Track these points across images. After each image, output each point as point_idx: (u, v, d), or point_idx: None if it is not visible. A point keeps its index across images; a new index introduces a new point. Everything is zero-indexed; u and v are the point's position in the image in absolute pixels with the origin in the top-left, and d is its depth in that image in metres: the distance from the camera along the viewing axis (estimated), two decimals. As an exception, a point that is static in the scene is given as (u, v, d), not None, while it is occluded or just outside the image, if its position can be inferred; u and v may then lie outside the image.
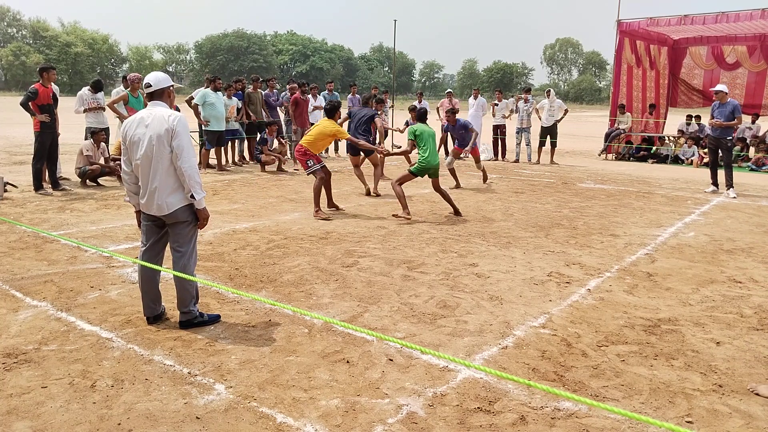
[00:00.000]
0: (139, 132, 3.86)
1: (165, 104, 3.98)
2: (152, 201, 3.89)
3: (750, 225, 7.94)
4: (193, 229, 4.06)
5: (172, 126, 3.80)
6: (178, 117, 3.86)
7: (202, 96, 11.86)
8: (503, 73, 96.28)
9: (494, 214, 8.28)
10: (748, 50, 16.35)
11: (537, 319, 4.40)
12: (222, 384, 3.32)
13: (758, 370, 3.65)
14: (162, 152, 3.81)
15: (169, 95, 4.04)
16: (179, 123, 3.83)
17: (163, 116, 3.84)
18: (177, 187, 3.89)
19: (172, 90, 4.07)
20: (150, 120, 3.84)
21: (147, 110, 3.94)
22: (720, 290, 5.17)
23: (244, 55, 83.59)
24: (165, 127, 3.80)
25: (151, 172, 3.85)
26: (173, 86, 4.10)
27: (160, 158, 3.82)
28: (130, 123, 3.94)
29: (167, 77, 4.06)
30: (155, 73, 4.04)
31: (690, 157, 15.40)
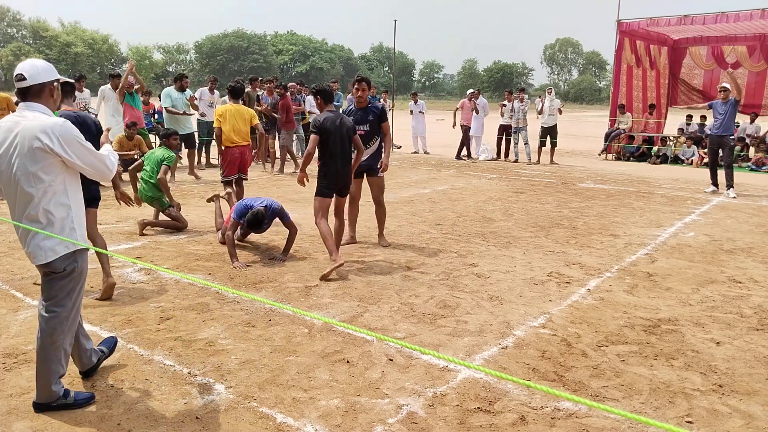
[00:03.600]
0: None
1: (45, 107, 2.90)
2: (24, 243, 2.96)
3: (750, 225, 7.94)
4: (70, 280, 2.97)
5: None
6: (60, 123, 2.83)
7: (167, 95, 11.50)
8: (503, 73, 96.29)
9: (494, 214, 8.28)
10: (748, 50, 16.35)
11: (537, 319, 4.40)
12: (222, 384, 3.32)
13: (758, 370, 3.65)
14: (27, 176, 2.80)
15: (52, 94, 2.94)
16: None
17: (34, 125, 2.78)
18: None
19: (55, 87, 2.96)
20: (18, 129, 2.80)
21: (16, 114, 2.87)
22: (720, 290, 5.17)
23: (244, 56, 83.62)
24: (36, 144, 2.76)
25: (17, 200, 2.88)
26: (59, 81, 2.99)
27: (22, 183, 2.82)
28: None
29: (50, 67, 2.94)
30: (32, 62, 2.89)
31: (690, 157, 15.40)
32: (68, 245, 2.90)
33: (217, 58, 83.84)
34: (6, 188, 2.89)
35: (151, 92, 13.24)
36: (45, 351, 2.95)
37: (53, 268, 2.91)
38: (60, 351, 2.97)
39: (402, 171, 13.05)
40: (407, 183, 11.19)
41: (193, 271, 5.37)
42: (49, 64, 2.96)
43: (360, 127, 5.97)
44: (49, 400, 2.98)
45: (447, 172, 13.06)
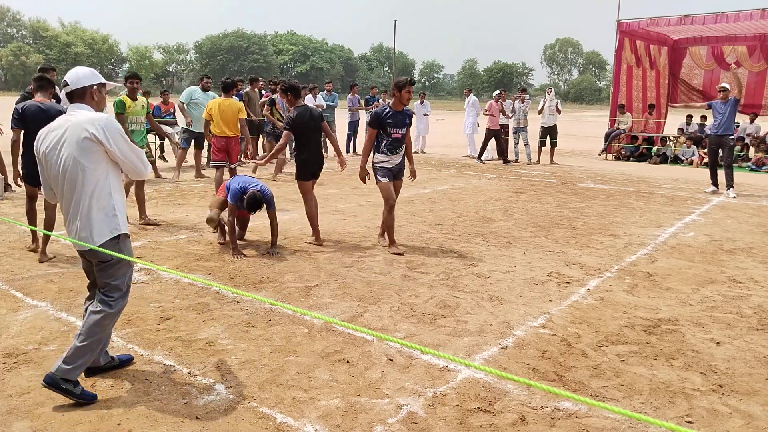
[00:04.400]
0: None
1: (89, 107, 3.19)
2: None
3: (750, 225, 7.94)
4: (119, 266, 3.19)
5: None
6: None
7: (188, 94, 11.49)
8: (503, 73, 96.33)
9: (494, 214, 8.28)
10: (748, 50, 16.35)
11: (537, 319, 4.40)
12: (222, 384, 3.32)
13: (758, 370, 3.65)
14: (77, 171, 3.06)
15: (93, 96, 3.21)
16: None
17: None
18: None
19: (95, 89, 3.21)
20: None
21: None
22: (720, 290, 5.17)
23: (244, 55, 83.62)
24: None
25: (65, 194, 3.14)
26: (101, 84, 3.24)
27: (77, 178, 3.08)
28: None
29: (91, 73, 3.22)
30: (74, 70, 3.22)
31: (690, 157, 15.41)
32: (111, 230, 3.11)
33: (217, 58, 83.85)
34: (54, 180, 3.14)
35: (150, 92, 13.21)
36: (90, 333, 3.10)
37: (101, 257, 3.11)
38: (103, 339, 3.20)
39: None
40: (407, 183, 11.17)
41: (193, 271, 5.37)
42: (91, 70, 3.24)
43: (398, 131, 5.97)
44: (64, 377, 3.03)
45: (447, 172, 13.06)
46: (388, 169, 6.08)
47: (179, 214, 7.78)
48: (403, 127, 6.02)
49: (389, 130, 5.95)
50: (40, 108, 5.37)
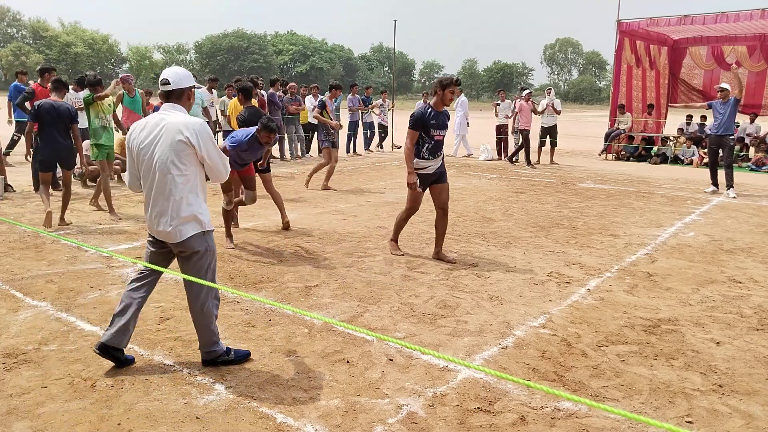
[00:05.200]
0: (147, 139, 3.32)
1: (183, 108, 3.38)
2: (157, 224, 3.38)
3: (750, 225, 7.94)
4: (204, 260, 3.41)
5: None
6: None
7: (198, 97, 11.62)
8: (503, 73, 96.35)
9: (494, 214, 8.28)
10: (748, 50, 16.34)
11: (537, 319, 4.40)
12: (222, 384, 3.32)
13: (758, 370, 3.65)
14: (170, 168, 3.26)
15: (189, 98, 3.42)
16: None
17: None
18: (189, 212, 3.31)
19: (192, 92, 3.44)
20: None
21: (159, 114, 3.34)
22: (720, 290, 5.17)
23: (244, 56, 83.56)
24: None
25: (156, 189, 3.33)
26: (194, 87, 3.48)
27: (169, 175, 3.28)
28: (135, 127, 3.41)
29: (188, 74, 3.44)
30: (175, 69, 3.40)
31: (690, 157, 15.41)
32: (197, 226, 3.32)
33: (217, 58, 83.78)
34: (145, 175, 3.33)
35: (152, 92, 13.19)
36: (199, 319, 3.46)
37: (186, 247, 3.33)
38: (212, 316, 3.48)
39: (402, 171, 13.04)
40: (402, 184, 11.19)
41: (193, 271, 5.37)
42: (187, 72, 3.45)
43: (440, 132, 5.63)
44: (214, 356, 3.49)
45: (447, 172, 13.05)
46: (428, 176, 5.70)
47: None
48: (445, 129, 5.69)
49: (432, 131, 5.55)
50: (53, 106, 6.67)
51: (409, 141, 5.57)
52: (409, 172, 5.63)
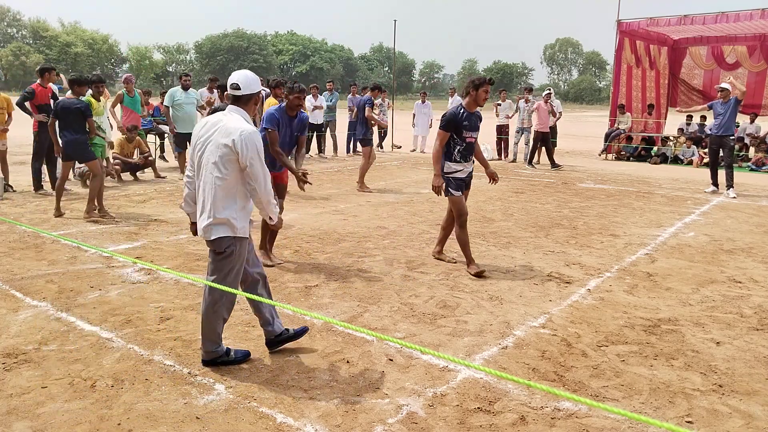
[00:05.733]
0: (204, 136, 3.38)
1: (246, 113, 3.40)
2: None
3: (750, 225, 7.94)
4: (228, 262, 3.42)
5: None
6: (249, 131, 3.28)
7: (170, 96, 11.13)
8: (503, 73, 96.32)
9: (494, 214, 8.28)
10: (748, 50, 16.35)
11: (537, 319, 4.40)
12: (222, 384, 3.32)
13: (758, 370, 3.65)
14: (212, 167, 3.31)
15: (255, 103, 3.46)
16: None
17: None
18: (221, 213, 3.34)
19: (260, 97, 3.45)
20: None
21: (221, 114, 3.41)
22: (720, 290, 5.17)
23: (244, 56, 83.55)
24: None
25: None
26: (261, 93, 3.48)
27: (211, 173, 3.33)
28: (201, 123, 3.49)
29: (256, 79, 3.45)
30: (245, 73, 3.41)
31: (690, 157, 15.40)
32: (229, 230, 3.34)
33: (217, 58, 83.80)
34: (198, 169, 3.43)
35: (150, 92, 13.20)
36: (208, 317, 3.47)
37: (216, 246, 3.38)
38: (221, 318, 3.49)
39: (402, 171, 13.06)
40: (407, 183, 11.20)
41: (194, 271, 5.37)
42: (255, 76, 3.45)
43: (473, 134, 5.39)
44: (214, 357, 3.50)
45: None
46: (462, 180, 5.44)
47: (180, 214, 7.77)
48: (477, 130, 5.45)
49: (464, 133, 5.29)
50: (66, 102, 7.38)
51: (438, 143, 5.33)
52: (435, 175, 5.36)
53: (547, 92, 14.24)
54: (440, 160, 5.37)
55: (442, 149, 5.36)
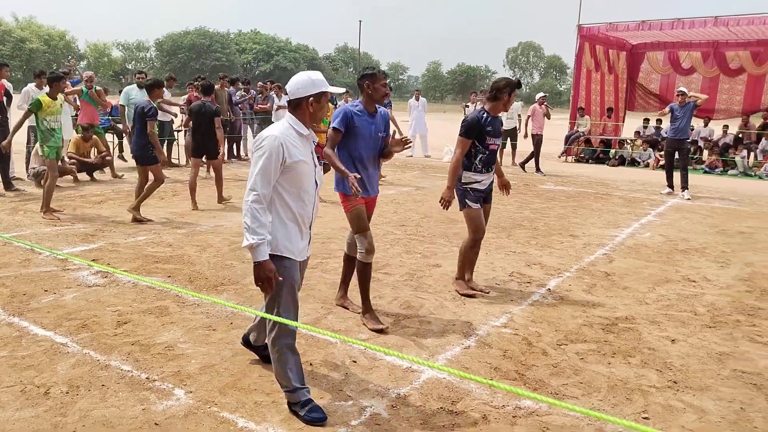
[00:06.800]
0: None
1: (295, 118, 2.98)
2: None
3: (704, 226, 8.20)
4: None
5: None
6: (264, 137, 2.91)
7: (125, 94, 10.96)
8: (467, 75, 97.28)
9: (458, 215, 8.33)
10: (702, 56, 16.91)
11: (499, 318, 4.45)
12: (181, 389, 3.25)
13: (710, 366, 3.77)
14: None
15: (309, 105, 2.96)
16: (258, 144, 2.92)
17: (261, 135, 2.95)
18: None
19: (311, 102, 2.95)
20: None
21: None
22: (675, 289, 5.32)
23: (206, 54, 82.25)
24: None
25: None
26: (316, 95, 2.96)
27: None
28: None
29: (310, 82, 2.96)
30: (295, 78, 3.01)
31: (646, 159, 15.82)
32: (269, 248, 2.92)
33: (178, 56, 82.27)
34: None
35: (108, 90, 12.90)
36: (271, 360, 3.10)
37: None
38: (285, 363, 3.03)
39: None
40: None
41: (152, 273, 5.26)
42: (309, 79, 2.97)
43: (495, 141, 4.86)
44: (291, 408, 3.08)
45: (412, 173, 13.12)
46: (481, 192, 4.93)
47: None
48: (500, 137, 4.95)
49: (488, 140, 4.77)
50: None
51: (459, 151, 4.77)
52: (448, 187, 4.77)
53: (541, 95, 14.31)
54: (458, 171, 4.82)
55: (462, 158, 4.80)
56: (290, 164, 2.88)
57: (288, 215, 2.97)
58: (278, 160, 2.84)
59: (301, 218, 3.01)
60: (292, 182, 2.93)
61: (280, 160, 2.85)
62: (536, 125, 13.71)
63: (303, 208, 3.01)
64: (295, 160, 2.89)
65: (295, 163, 2.89)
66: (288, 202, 2.95)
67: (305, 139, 2.99)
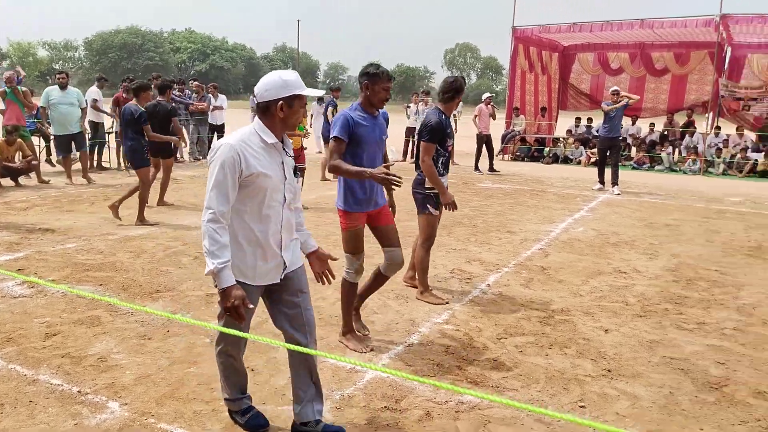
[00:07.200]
0: None
1: (262, 125, 2.59)
2: None
3: (633, 219, 8.56)
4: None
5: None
6: (218, 146, 2.56)
7: (45, 96, 10.43)
8: (406, 76, 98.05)
9: (400, 215, 8.34)
10: (630, 57, 17.67)
11: (441, 315, 4.51)
12: (116, 402, 3.13)
13: (642, 354, 3.93)
14: None
15: (279, 110, 2.56)
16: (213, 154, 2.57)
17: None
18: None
19: (281, 106, 2.56)
20: None
21: None
22: (607, 281, 5.53)
23: (138, 53, 79.53)
24: None
25: None
26: (287, 98, 2.56)
27: None
28: None
29: (281, 83, 2.56)
30: (264, 78, 2.62)
31: (578, 156, 16.39)
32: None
33: (109, 55, 79.17)
34: None
35: (34, 91, 12.28)
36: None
37: None
38: (221, 365, 2.93)
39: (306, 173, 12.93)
40: (312, 186, 11.12)
41: (82, 282, 5.04)
42: (281, 79, 2.57)
43: (451, 141, 4.85)
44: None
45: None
46: (437, 197, 4.79)
47: (66, 222, 7.26)
48: (453, 137, 4.97)
49: (447, 142, 4.74)
50: None
51: (428, 156, 4.64)
52: (443, 193, 4.73)
53: (488, 95, 14.51)
54: (437, 175, 4.69)
55: (432, 163, 4.66)
56: (248, 177, 2.51)
57: (246, 235, 2.62)
58: (235, 173, 2.48)
59: (264, 238, 2.64)
60: (251, 198, 2.57)
61: (237, 172, 2.49)
62: (482, 125, 13.91)
63: (267, 227, 2.64)
64: (253, 173, 2.51)
65: (254, 176, 2.52)
66: (246, 221, 2.60)
67: (272, 149, 2.60)
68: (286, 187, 2.68)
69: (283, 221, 2.71)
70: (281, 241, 2.72)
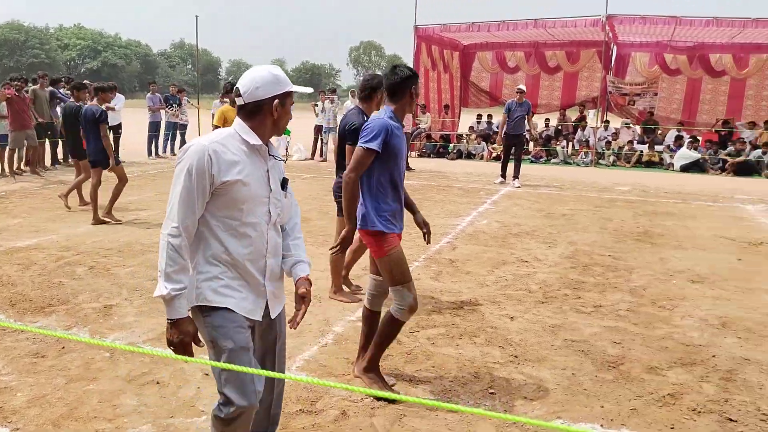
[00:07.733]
0: None
1: (246, 126, 2.21)
2: None
3: (532, 211, 8.97)
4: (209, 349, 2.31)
5: None
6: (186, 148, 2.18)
7: None
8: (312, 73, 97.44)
9: (310, 214, 8.32)
10: (525, 56, 18.48)
11: (354, 313, 4.51)
12: (6, 427, 2.88)
13: (545, 338, 4.13)
14: None
15: (275, 110, 2.20)
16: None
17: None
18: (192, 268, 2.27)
19: (276, 105, 2.20)
20: None
21: None
22: (511, 270, 5.76)
23: (21, 50, 73.71)
24: None
25: None
26: (281, 96, 2.21)
27: None
28: None
29: (273, 79, 2.19)
30: (251, 74, 2.22)
31: (481, 152, 16.98)
32: (194, 296, 2.29)
33: (-13, 52, 72.96)
34: None
35: None
36: None
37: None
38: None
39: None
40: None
41: (-37, 300, 4.60)
42: (271, 75, 2.19)
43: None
44: None
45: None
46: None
47: (-59, 235, 6.61)
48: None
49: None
50: None
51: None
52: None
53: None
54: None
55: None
56: (221, 186, 2.13)
57: (221, 257, 2.20)
58: (204, 178, 2.10)
59: (242, 262, 2.21)
60: (226, 210, 2.17)
61: (207, 179, 2.11)
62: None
63: (246, 248, 2.21)
64: (227, 180, 2.12)
65: (228, 184, 2.13)
66: (220, 238, 2.19)
67: (254, 153, 2.21)
68: (272, 200, 2.26)
69: (269, 244, 2.29)
70: (265, 268, 2.29)
